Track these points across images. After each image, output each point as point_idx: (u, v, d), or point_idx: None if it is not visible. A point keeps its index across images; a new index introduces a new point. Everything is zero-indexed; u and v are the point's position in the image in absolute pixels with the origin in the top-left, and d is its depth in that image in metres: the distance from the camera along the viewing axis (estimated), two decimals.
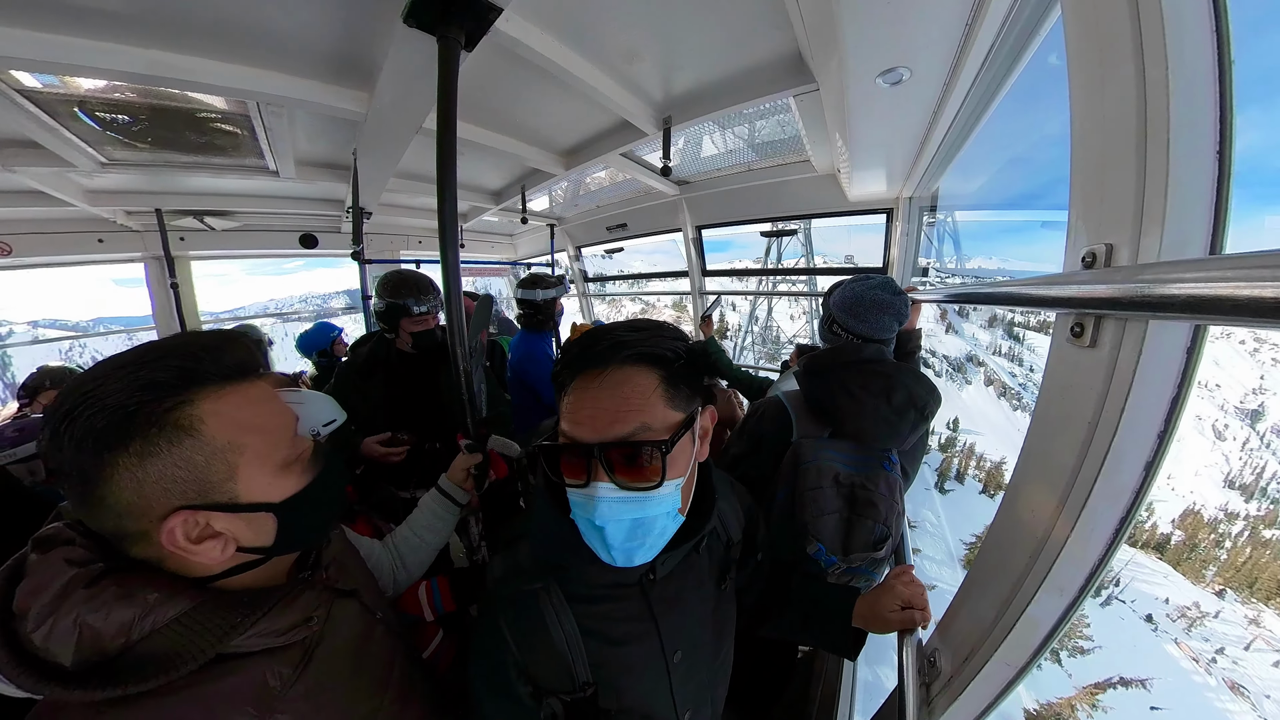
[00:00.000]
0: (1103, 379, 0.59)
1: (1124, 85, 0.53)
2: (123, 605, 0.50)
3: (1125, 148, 0.54)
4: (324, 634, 0.65)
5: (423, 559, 1.19)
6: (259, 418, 0.58)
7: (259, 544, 0.59)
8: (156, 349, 0.55)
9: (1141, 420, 0.56)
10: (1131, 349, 0.55)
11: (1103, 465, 0.59)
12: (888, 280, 1.37)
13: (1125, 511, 0.60)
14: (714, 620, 0.82)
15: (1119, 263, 0.56)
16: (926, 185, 2.53)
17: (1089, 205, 0.61)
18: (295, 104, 2.07)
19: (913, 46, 1.21)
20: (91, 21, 1.49)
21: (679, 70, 1.89)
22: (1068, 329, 0.63)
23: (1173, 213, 0.51)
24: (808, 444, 1.30)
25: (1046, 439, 0.71)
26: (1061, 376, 0.67)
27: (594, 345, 0.62)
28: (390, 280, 1.94)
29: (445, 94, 1.34)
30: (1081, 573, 0.65)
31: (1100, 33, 0.55)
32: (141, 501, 0.51)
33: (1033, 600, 0.68)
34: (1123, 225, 0.55)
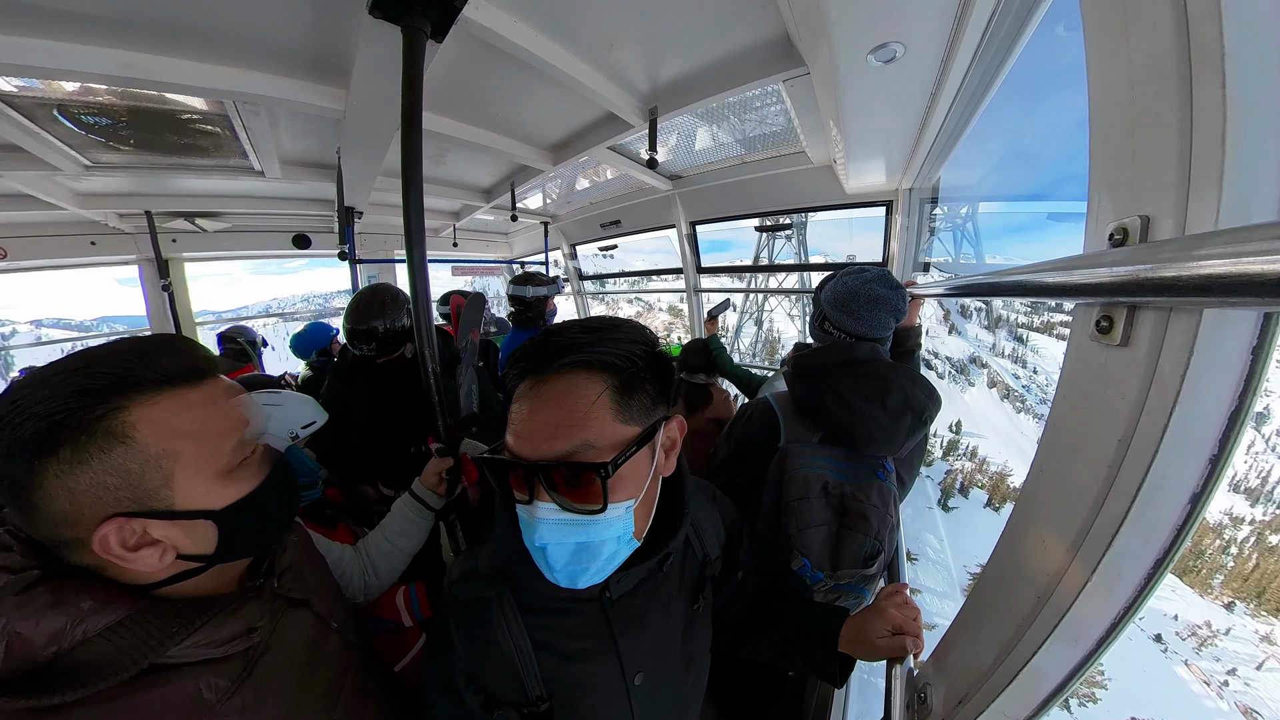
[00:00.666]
0: (1138, 385, 0.47)
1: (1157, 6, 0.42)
2: (55, 613, 0.50)
3: (1163, 88, 0.42)
4: (270, 645, 0.64)
5: (395, 565, 1.17)
6: (196, 424, 0.57)
7: (199, 551, 0.58)
8: (91, 355, 0.54)
9: (1189, 438, 0.44)
10: (1179, 347, 0.43)
11: (1137, 494, 0.47)
12: (884, 273, 1.28)
13: (1162, 552, 0.48)
14: (683, 641, 0.77)
15: (1159, 237, 0.44)
16: (927, 175, 2.43)
17: (1116, 170, 0.49)
18: (272, 102, 2.03)
19: (904, 18, 1.12)
20: (60, 24, 1.45)
21: (663, 58, 1.81)
22: (1091, 323, 0.51)
23: (1234, 168, 0.38)
24: (795, 449, 1.22)
25: (1063, 457, 0.60)
26: (1082, 382, 0.55)
27: (542, 346, 0.57)
28: (392, 301, 1.86)
29: (410, 86, 1.28)
30: (1102, 622, 0.54)
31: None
32: (74, 509, 0.50)
33: (1040, 649, 0.58)
34: (1163, 191, 0.43)
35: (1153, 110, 0.44)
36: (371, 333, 1.81)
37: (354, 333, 1.82)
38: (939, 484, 47.81)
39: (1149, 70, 0.44)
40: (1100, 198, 0.52)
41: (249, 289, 72.47)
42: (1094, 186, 0.53)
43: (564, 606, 0.67)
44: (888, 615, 0.81)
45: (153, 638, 0.53)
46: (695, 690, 0.83)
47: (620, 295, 13.48)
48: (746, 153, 2.92)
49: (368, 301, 1.83)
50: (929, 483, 45.69)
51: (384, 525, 1.20)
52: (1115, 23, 0.47)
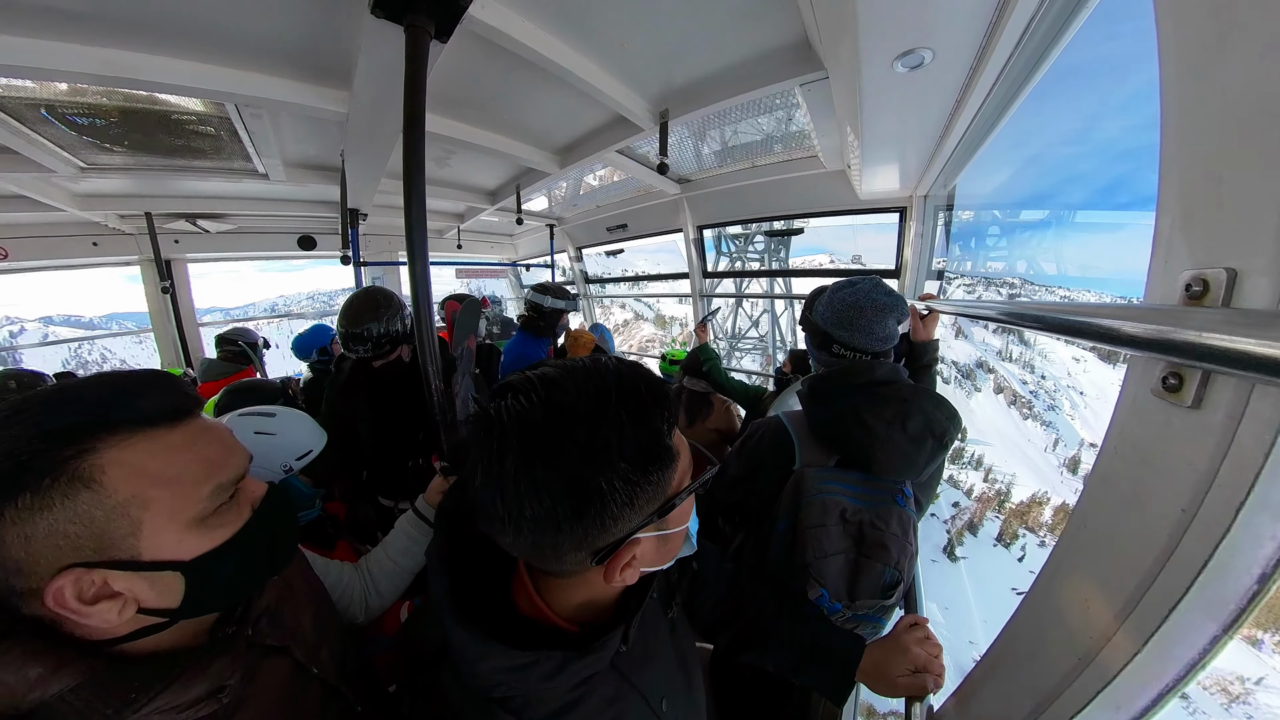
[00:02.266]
0: (1210, 454, 0.43)
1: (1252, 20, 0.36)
2: (9, 674, 0.46)
3: (1265, 123, 0.36)
4: (244, 698, 0.60)
5: (398, 584, 1.15)
6: (172, 468, 0.53)
7: (163, 605, 0.53)
8: (67, 391, 0.51)
9: (1264, 518, 0.39)
10: (1264, 421, 0.39)
11: (1201, 571, 0.43)
12: (877, 281, 1.24)
13: (1222, 630, 0.44)
14: (675, 648, 0.78)
15: (1248, 298, 0.39)
16: (944, 182, 2.37)
17: (1196, 211, 0.44)
18: (274, 105, 1.98)
19: (937, 24, 1.06)
20: (41, 20, 1.40)
21: (676, 60, 1.76)
22: (1156, 378, 0.47)
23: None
24: (811, 474, 1.17)
25: (1113, 514, 0.56)
26: (1139, 438, 0.52)
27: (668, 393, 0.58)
28: (354, 310, 1.79)
29: (413, 88, 1.22)
30: (1150, 693, 0.49)
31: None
32: (29, 558, 0.46)
33: (1081, 713, 0.54)
34: (1257, 243, 0.38)
35: (1250, 152, 0.39)
36: (365, 335, 1.76)
37: (348, 336, 1.78)
38: (944, 524, 44.59)
39: (1246, 101, 0.39)
40: (1173, 240, 0.46)
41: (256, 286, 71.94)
42: (1165, 226, 0.47)
43: (578, 694, 0.60)
44: (911, 654, 0.80)
45: (109, 706, 0.49)
46: (698, 687, 0.83)
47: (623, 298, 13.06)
48: (757, 156, 2.87)
49: (362, 304, 1.79)
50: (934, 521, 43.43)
51: (386, 543, 1.18)
52: (1205, 40, 0.41)
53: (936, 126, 1.63)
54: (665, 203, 3.57)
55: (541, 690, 0.56)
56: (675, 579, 0.85)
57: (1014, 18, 1.05)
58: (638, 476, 0.48)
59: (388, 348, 1.83)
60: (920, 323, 1.48)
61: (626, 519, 0.49)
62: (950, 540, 42.96)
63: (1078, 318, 0.53)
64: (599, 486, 0.46)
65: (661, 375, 3.74)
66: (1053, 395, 67.00)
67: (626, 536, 0.51)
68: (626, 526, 0.50)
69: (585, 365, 0.51)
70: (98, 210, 3.43)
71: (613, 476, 0.47)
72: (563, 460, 0.46)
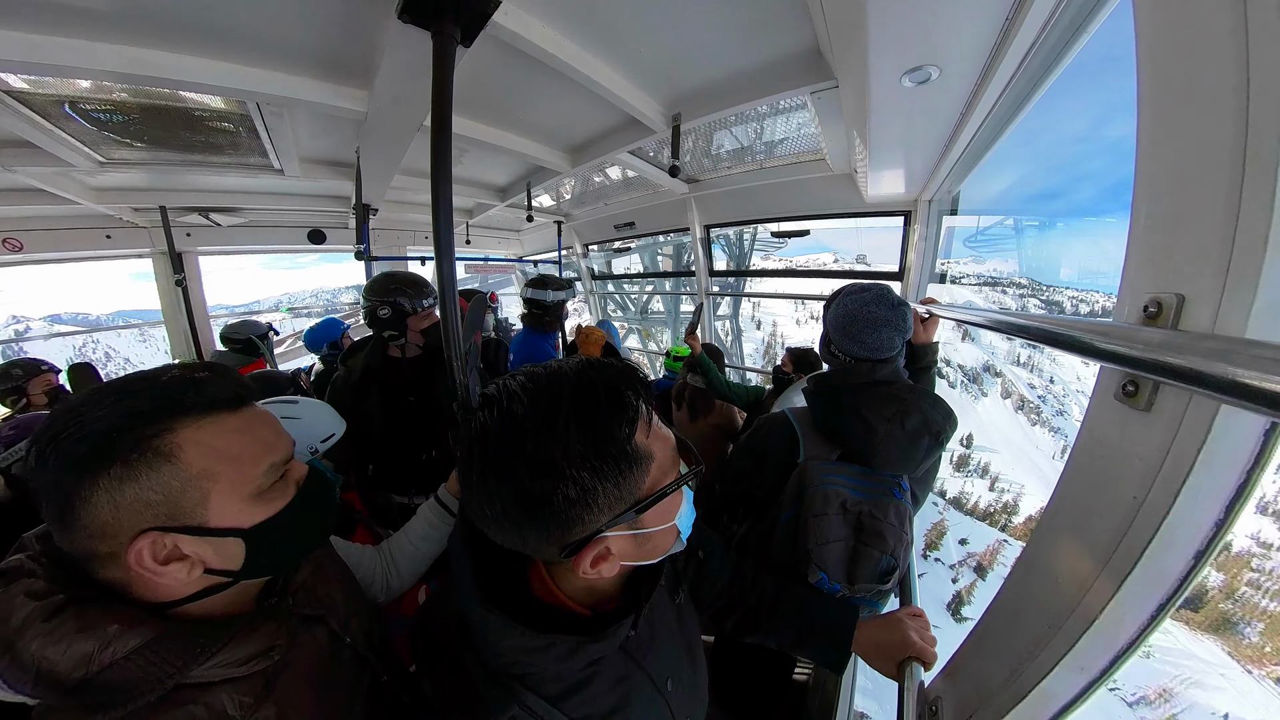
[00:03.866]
0: (1157, 450, 0.51)
1: (1218, 92, 0.43)
2: (82, 638, 0.51)
3: (1215, 179, 0.44)
4: (288, 661, 0.65)
5: (417, 568, 1.20)
6: (235, 447, 0.60)
7: (225, 568, 0.60)
8: (144, 379, 0.58)
9: (1198, 507, 0.48)
10: (1197, 426, 0.47)
11: (1147, 547, 0.51)
12: (883, 293, 1.27)
13: (1166, 598, 0.52)
14: (681, 632, 0.82)
15: (1192, 321, 0.47)
16: (949, 188, 2.41)
17: (1158, 243, 0.51)
18: (295, 104, 2.02)
19: (945, 43, 1.11)
20: (72, 20, 1.44)
21: (690, 65, 1.80)
22: (1118, 385, 0.55)
23: (1272, 270, 0.41)
24: (814, 466, 1.23)
25: (1080, 498, 0.64)
26: (1104, 435, 0.59)
27: (645, 386, 0.59)
28: (384, 283, 1.88)
29: (440, 92, 1.27)
30: (1109, 652, 0.58)
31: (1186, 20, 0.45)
32: (115, 523, 0.52)
33: (1050, 673, 0.62)
34: (1201, 275, 0.46)
35: (1202, 198, 0.46)
36: (396, 305, 1.84)
37: (375, 304, 1.85)
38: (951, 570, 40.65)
39: (1202, 152, 0.45)
40: (1138, 265, 0.53)
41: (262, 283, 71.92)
42: (1133, 253, 0.54)
43: (588, 673, 0.64)
44: (911, 641, 0.86)
45: (179, 659, 0.54)
46: (701, 669, 0.87)
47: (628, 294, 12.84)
48: (765, 158, 2.91)
49: (389, 276, 1.90)
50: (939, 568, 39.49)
51: (408, 529, 1.23)
52: (1175, 104, 0.48)
53: (942, 136, 1.68)
54: (673, 201, 3.61)
55: (556, 669, 0.60)
56: (682, 567, 0.89)
57: (1019, 37, 1.10)
58: (593, 482, 0.50)
59: (401, 323, 1.89)
60: (921, 325, 1.53)
61: (588, 520, 0.52)
62: (959, 596, 39.39)
63: (1059, 330, 0.60)
64: (547, 494, 0.49)
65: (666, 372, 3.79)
66: (1061, 400, 66.37)
67: (591, 536, 0.53)
68: (591, 526, 0.52)
69: (547, 374, 0.54)
70: (113, 203, 3.47)
71: (563, 483, 0.49)
72: (510, 473, 0.49)
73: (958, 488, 56.12)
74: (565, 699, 0.61)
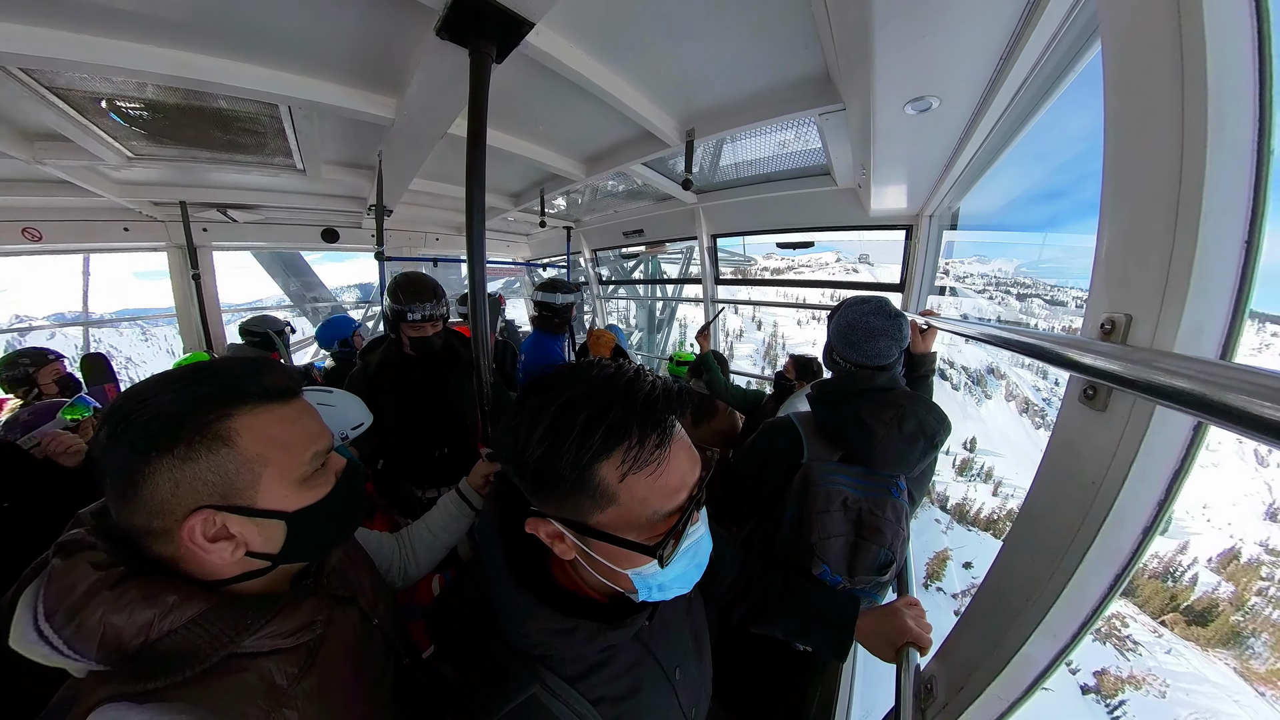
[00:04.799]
0: (1110, 444, 0.60)
1: (1162, 158, 0.52)
2: (145, 606, 0.54)
3: (1158, 221, 0.54)
4: (327, 636, 0.69)
5: (435, 556, 1.24)
6: (286, 435, 0.64)
7: (266, 550, 0.63)
8: (207, 368, 0.62)
9: (1143, 490, 0.58)
10: (1139, 423, 0.57)
11: (1103, 524, 0.60)
12: (881, 304, 1.35)
13: (1121, 568, 0.61)
14: (690, 624, 0.86)
15: (1136, 337, 0.57)
16: (949, 204, 2.51)
17: (1114, 270, 0.61)
18: (325, 108, 2.10)
19: (944, 77, 1.21)
20: (124, 23, 1.52)
21: (705, 85, 1.90)
22: (1081, 389, 0.64)
23: (1196, 298, 0.52)
24: (818, 467, 1.31)
25: (1052, 489, 0.73)
26: (1070, 433, 0.69)
27: (653, 402, 0.57)
28: (393, 283, 1.95)
29: (476, 106, 1.36)
30: (1075, 620, 0.67)
31: (1142, 99, 0.55)
32: (173, 500, 0.56)
33: (1027, 640, 0.70)
34: (1146, 298, 0.56)
35: (1148, 236, 0.57)
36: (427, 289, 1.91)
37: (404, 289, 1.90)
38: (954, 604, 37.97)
39: (1151, 205, 0.56)
40: (1100, 287, 0.64)
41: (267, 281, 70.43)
42: (1096, 275, 0.64)
43: (605, 656, 0.68)
44: (908, 629, 0.92)
45: (232, 629, 0.58)
46: (707, 660, 0.91)
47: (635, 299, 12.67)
48: (772, 171, 3.01)
49: (409, 278, 1.96)
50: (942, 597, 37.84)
51: (428, 518, 1.28)
52: (1131, 158, 0.58)
53: (942, 157, 1.77)
54: (682, 211, 3.70)
55: (576, 652, 0.65)
56: None
57: (1015, 70, 1.19)
58: (541, 478, 0.56)
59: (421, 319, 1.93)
60: (919, 336, 1.62)
61: (541, 502, 0.59)
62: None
63: (1036, 342, 0.69)
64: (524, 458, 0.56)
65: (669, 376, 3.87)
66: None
67: (542, 515, 0.60)
68: (544, 508, 0.60)
69: (573, 374, 0.59)
70: (134, 197, 3.54)
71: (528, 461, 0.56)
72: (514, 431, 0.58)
73: (960, 494, 55.68)
74: (582, 680, 0.65)
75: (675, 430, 0.58)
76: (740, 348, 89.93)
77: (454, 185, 3.86)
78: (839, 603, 1.04)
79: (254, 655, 0.60)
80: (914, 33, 1.08)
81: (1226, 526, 59.58)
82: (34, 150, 2.52)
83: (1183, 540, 55.94)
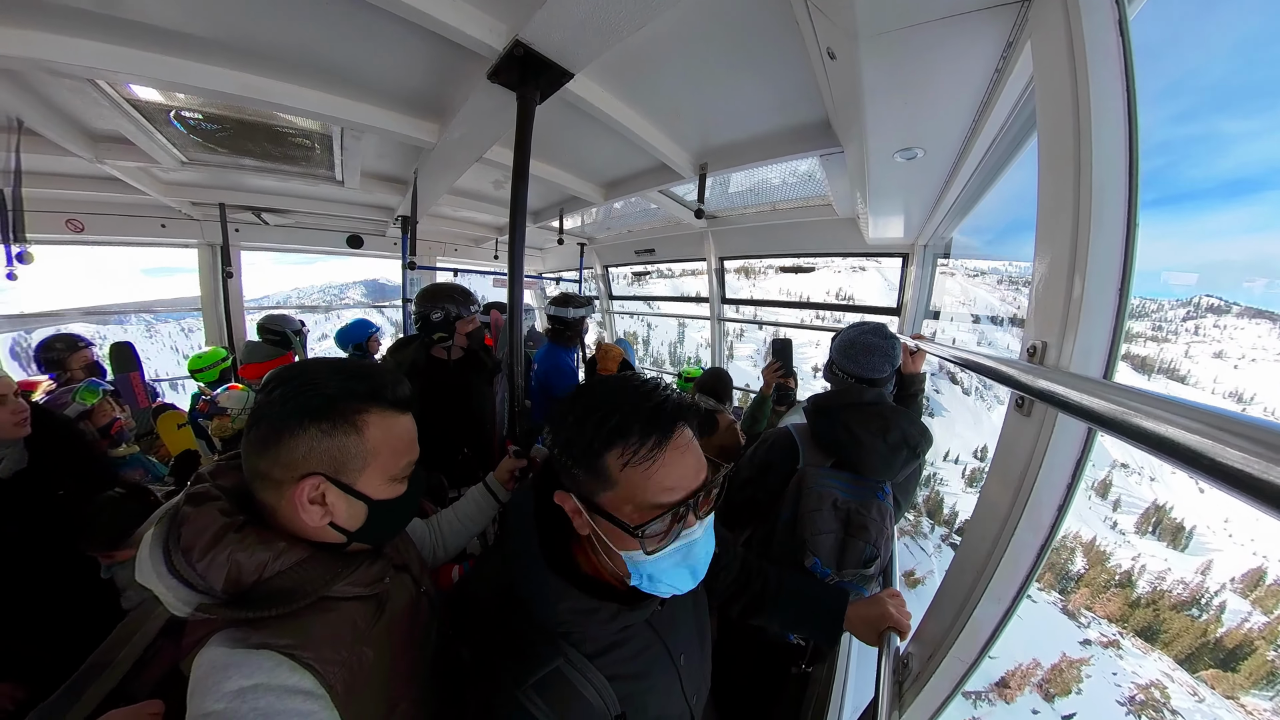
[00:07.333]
0: (1031, 442, 0.77)
1: (1065, 224, 0.71)
2: (262, 548, 0.65)
3: (1064, 272, 0.72)
4: (391, 593, 0.80)
5: (460, 542, 1.36)
6: (396, 440, 0.75)
7: (346, 526, 0.73)
8: (362, 368, 0.75)
9: (1054, 476, 0.75)
10: (1048, 425, 0.74)
11: (1027, 504, 0.77)
12: (879, 326, 1.54)
13: (1044, 539, 0.78)
14: (695, 619, 0.93)
15: (1049, 359, 0.74)
16: (941, 235, 2.70)
17: (1039, 305, 0.78)
18: (374, 130, 2.29)
19: (926, 130, 1.40)
20: (200, 48, 1.71)
21: (718, 126, 2.10)
22: (1014, 400, 0.81)
23: (1084, 332, 0.69)
24: (811, 472, 1.46)
25: (996, 482, 0.88)
26: (1008, 436, 0.85)
27: (662, 407, 0.66)
28: (436, 292, 2.14)
29: (521, 145, 1.54)
30: (1014, 586, 0.83)
31: (1058, 181, 0.74)
32: (301, 460, 0.66)
33: (977, 607, 0.85)
34: (1052, 327, 0.73)
35: (1058, 279, 0.75)
36: (447, 311, 2.11)
37: (429, 308, 2.12)
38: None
39: (1060, 256, 0.75)
40: (1031, 320, 0.82)
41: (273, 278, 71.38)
42: (1029, 311, 0.82)
43: (619, 638, 0.75)
44: (890, 615, 1.01)
45: (327, 573, 0.68)
46: (708, 651, 0.98)
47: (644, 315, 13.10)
48: (778, 201, 3.21)
49: (440, 286, 2.19)
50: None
51: (457, 507, 1.40)
52: (1051, 216, 0.78)
53: (930, 196, 1.97)
54: (692, 234, 3.91)
55: (596, 630, 0.72)
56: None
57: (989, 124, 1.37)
58: (566, 453, 0.67)
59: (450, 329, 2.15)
60: (910, 358, 1.78)
61: (563, 469, 0.69)
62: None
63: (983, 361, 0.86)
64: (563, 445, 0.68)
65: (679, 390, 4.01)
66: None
67: (573, 493, 0.68)
68: (567, 480, 0.69)
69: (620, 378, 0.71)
70: (177, 197, 3.72)
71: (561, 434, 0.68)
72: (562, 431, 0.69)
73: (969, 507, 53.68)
74: (599, 657, 0.72)
75: (679, 438, 0.65)
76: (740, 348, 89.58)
77: (475, 201, 4.07)
78: (830, 596, 1.12)
79: (340, 599, 0.70)
80: (897, 97, 1.28)
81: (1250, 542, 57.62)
82: (97, 150, 2.68)
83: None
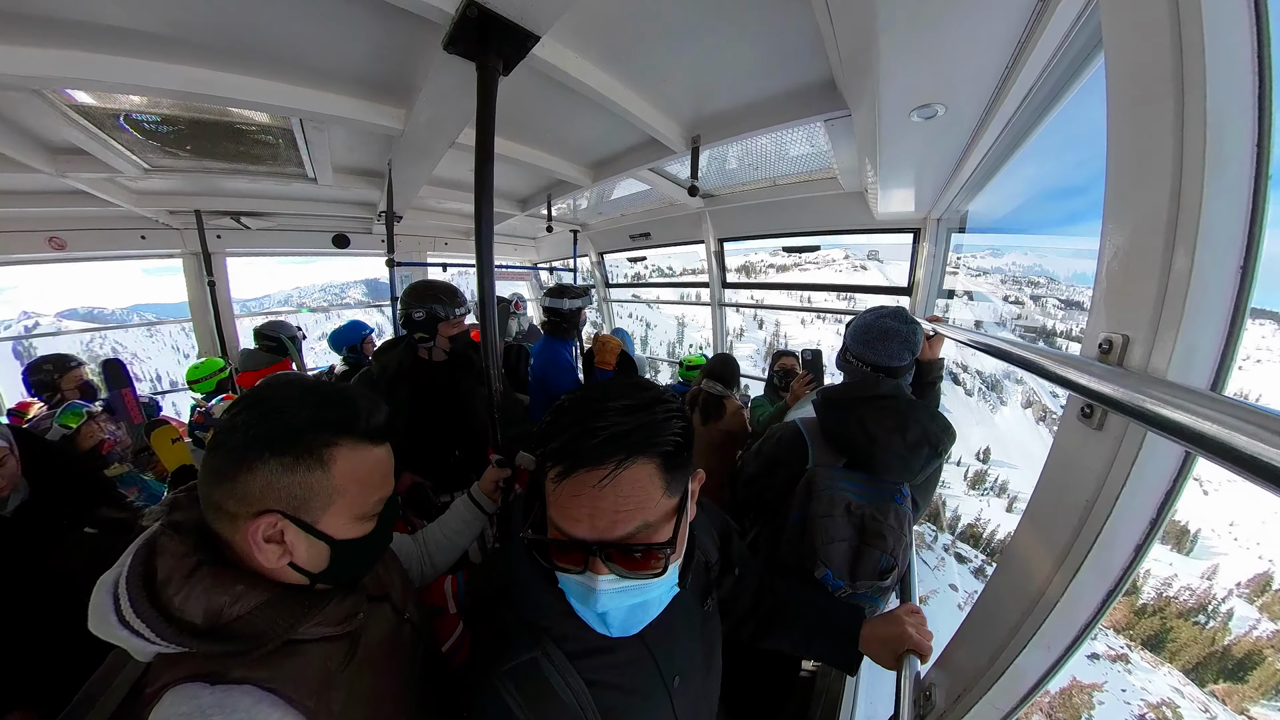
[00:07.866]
0: (1104, 462, 0.61)
1: (1160, 179, 0.52)
2: (217, 593, 0.60)
3: (1156, 242, 0.54)
4: (366, 627, 0.75)
5: (449, 557, 1.28)
6: (367, 476, 0.70)
7: (307, 568, 0.67)
8: (336, 394, 0.69)
9: (1136, 510, 0.59)
10: (1132, 444, 0.57)
11: (1096, 539, 0.61)
12: (899, 310, 1.38)
13: (1114, 585, 0.62)
14: (702, 638, 0.86)
15: (1132, 359, 0.57)
16: (957, 207, 2.50)
17: (1113, 289, 0.61)
18: (336, 120, 2.14)
19: (949, 85, 1.21)
20: (139, 43, 1.57)
21: (711, 92, 1.91)
22: (1079, 408, 0.65)
23: (1190, 322, 0.51)
24: (822, 472, 1.31)
25: (1049, 503, 0.73)
26: (1068, 450, 0.70)
27: (589, 436, 0.57)
28: (421, 289, 2.00)
29: (484, 120, 1.37)
30: (1069, 634, 0.68)
31: (1143, 115, 0.55)
32: (258, 495, 0.61)
33: (1022, 652, 0.71)
34: (1140, 319, 0.56)
35: (1145, 259, 0.56)
36: (430, 311, 1.97)
37: (412, 308, 1.98)
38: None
39: (1148, 227, 0.56)
40: (1100, 305, 0.63)
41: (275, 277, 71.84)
42: (1096, 293, 0.64)
43: (609, 645, 0.71)
44: (909, 636, 0.91)
45: (291, 615, 0.63)
46: (715, 675, 0.91)
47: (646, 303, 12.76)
48: (778, 175, 3.01)
49: (427, 284, 2.03)
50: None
51: (442, 521, 1.32)
52: (1130, 184, 0.58)
53: (949, 162, 1.77)
54: (688, 215, 3.72)
55: (579, 633, 0.69)
56: (716, 577, 0.93)
57: (1022, 75, 1.19)
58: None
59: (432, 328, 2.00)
60: (927, 343, 1.61)
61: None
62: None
63: (1035, 358, 0.69)
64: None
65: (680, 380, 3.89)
66: None
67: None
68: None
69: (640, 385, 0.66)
70: (151, 206, 3.63)
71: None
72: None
73: (973, 512, 54.03)
74: (581, 659, 0.69)
75: (585, 477, 0.56)
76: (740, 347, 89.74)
77: (462, 191, 3.91)
78: (843, 616, 1.04)
79: (308, 641, 0.66)
80: (918, 42, 1.08)
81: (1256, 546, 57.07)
82: (57, 164, 2.61)
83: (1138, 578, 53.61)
